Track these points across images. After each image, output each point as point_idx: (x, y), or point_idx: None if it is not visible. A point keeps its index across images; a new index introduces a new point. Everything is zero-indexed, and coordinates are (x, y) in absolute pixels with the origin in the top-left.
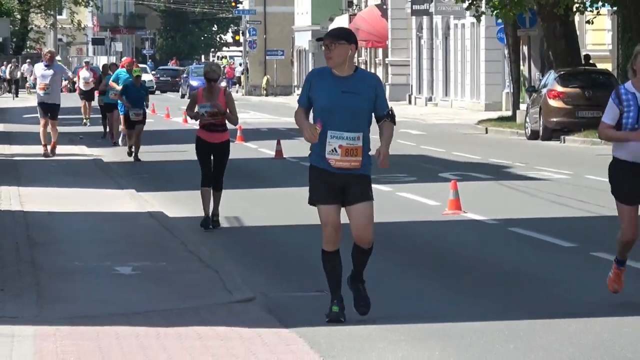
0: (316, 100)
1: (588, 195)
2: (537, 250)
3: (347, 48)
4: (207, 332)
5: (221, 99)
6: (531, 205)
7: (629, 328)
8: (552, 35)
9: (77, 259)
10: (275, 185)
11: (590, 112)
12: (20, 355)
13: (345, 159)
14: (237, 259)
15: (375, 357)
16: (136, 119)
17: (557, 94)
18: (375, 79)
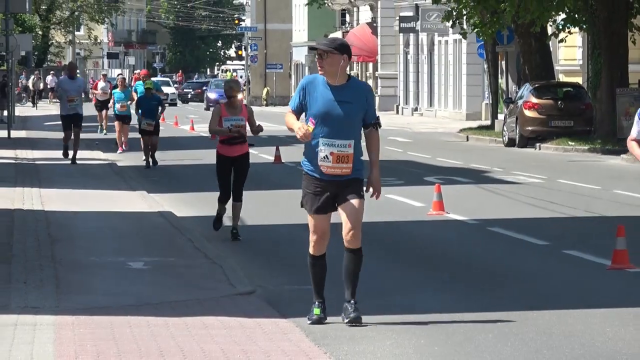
0: (309, 107)
1: (560, 197)
2: (513, 248)
3: (339, 58)
4: (212, 322)
5: (244, 113)
6: (508, 206)
7: (597, 319)
8: (527, 51)
9: (93, 254)
10: (275, 187)
11: (562, 122)
12: (41, 342)
13: (336, 165)
14: (240, 255)
15: (365, 345)
16: (148, 128)
17: (532, 105)
18: (366, 88)
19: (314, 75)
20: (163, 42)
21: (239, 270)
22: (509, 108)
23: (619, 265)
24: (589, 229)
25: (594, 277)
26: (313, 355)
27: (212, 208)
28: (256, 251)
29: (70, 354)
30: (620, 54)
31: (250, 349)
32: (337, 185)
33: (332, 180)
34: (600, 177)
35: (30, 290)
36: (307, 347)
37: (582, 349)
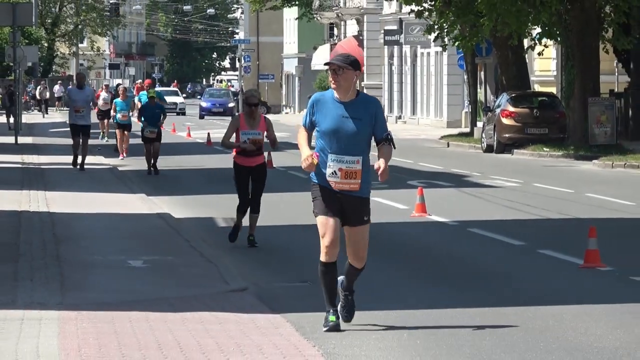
0: (318, 124)
1: (535, 200)
2: (491, 248)
3: (353, 74)
4: (208, 317)
5: (262, 125)
6: (487, 209)
7: (570, 315)
8: (504, 62)
9: (96, 253)
10: (266, 190)
11: (537, 129)
12: (46, 336)
13: (344, 181)
14: (234, 254)
15: (352, 339)
16: (150, 136)
17: (509, 113)
18: (375, 103)
19: (322, 92)
20: (161, 53)
21: (233, 268)
22: (487, 116)
23: (591, 264)
24: (563, 230)
25: (567, 276)
26: (303, 348)
27: (207, 210)
28: (249, 251)
29: (74, 347)
30: (592, 65)
31: (244, 342)
32: (346, 200)
33: (341, 193)
34: (573, 181)
35: (36, 287)
36: (297, 341)
37: (556, 343)
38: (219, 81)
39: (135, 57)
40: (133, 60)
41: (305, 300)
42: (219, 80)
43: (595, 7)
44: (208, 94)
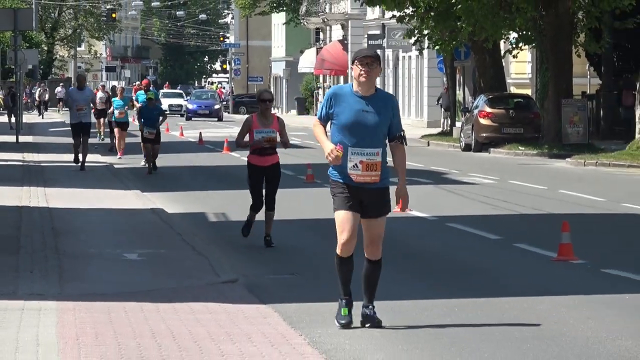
0: (338, 117)
1: (511, 196)
2: (469, 242)
3: (379, 70)
4: (199, 307)
5: (275, 125)
6: (465, 204)
7: (544, 305)
8: (482, 65)
9: (92, 246)
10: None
11: (513, 129)
12: (46, 325)
13: (366, 173)
14: (224, 248)
15: (336, 328)
16: (149, 136)
17: (486, 114)
18: (393, 100)
19: (340, 85)
20: (156, 57)
21: (223, 261)
22: (466, 117)
23: (564, 257)
24: (537, 224)
25: (542, 268)
26: (290, 337)
27: (199, 205)
28: (239, 244)
29: (72, 335)
30: (565, 68)
31: (233, 331)
32: (366, 193)
33: (361, 187)
34: (547, 178)
35: (35, 279)
36: (284, 330)
37: (530, 332)
38: (211, 83)
39: (131, 60)
40: (129, 63)
41: (292, 292)
42: (210, 82)
43: (569, 14)
44: (194, 95)
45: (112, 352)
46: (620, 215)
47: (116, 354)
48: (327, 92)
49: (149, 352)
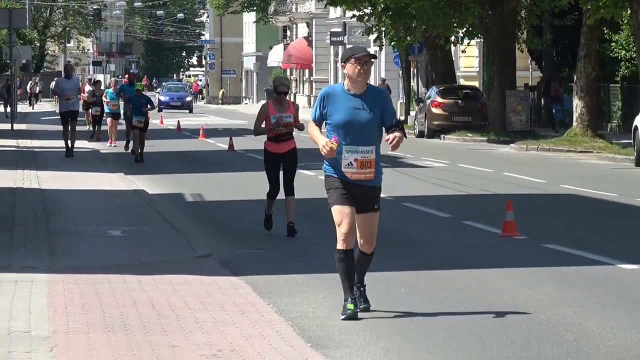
0: (331, 116)
1: (460, 179)
2: (423, 220)
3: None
4: (176, 279)
5: (291, 110)
6: (418, 186)
7: (490, 277)
8: (434, 60)
9: (80, 224)
10: (229, 170)
11: (462, 117)
12: (37, 295)
13: (360, 171)
14: (200, 225)
15: (301, 297)
16: (138, 125)
17: (438, 104)
18: (383, 94)
19: (331, 85)
20: (138, 52)
21: (198, 237)
22: (419, 106)
23: (508, 233)
24: (484, 204)
25: (488, 243)
26: (259, 306)
27: (177, 187)
28: (213, 222)
29: (61, 305)
30: (509, 62)
31: (207, 300)
32: (360, 190)
33: (355, 183)
34: (493, 162)
35: (28, 254)
36: (254, 300)
37: (476, 300)
38: (188, 76)
39: (115, 55)
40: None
41: (261, 265)
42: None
43: (513, 13)
44: (166, 88)
45: (97, 319)
46: (559, 195)
47: (101, 322)
48: (320, 93)
49: (131, 319)
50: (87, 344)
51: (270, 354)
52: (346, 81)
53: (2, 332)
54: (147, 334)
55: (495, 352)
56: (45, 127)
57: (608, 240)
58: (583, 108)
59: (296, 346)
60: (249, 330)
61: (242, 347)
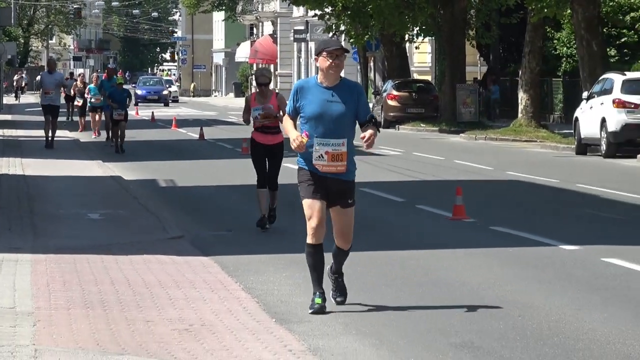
0: (303, 109)
1: (414, 166)
2: (379, 204)
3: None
4: (150, 259)
5: (273, 101)
6: (375, 172)
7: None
8: (390, 55)
9: (61, 208)
10: (199, 158)
11: (416, 109)
12: (22, 274)
13: (331, 164)
14: (172, 209)
15: (266, 275)
16: (118, 118)
17: (393, 97)
18: (358, 87)
19: (305, 79)
20: (115, 48)
21: (171, 220)
22: (376, 98)
23: (458, 216)
24: (436, 189)
25: (439, 225)
26: (227, 283)
27: (151, 173)
28: (185, 206)
29: (43, 282)
30: (459, 58)
31: (179, 279)
32: (332, 183)
33: (327, 177)
34: (444, 150)
35: (13, 235)
36: (222, 278)
37: (426, 277)
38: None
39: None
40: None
41: (229, 246)
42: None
43: (463, 11)
44: (142, 82)
45: (77, 296)
46: (505, 181)
47: (81, 298)
48: (294, 86)
49: (108, 296)
50: (67, 319)
51: (238, 329)
52: (319, 74)
53: None
54: (123, 310)
55: (444, 326)
56: (29, 117)
57: (550, 222)
58: (527, 100)
59: (261, 321)
60: (218, 306)
61: (211, 322)
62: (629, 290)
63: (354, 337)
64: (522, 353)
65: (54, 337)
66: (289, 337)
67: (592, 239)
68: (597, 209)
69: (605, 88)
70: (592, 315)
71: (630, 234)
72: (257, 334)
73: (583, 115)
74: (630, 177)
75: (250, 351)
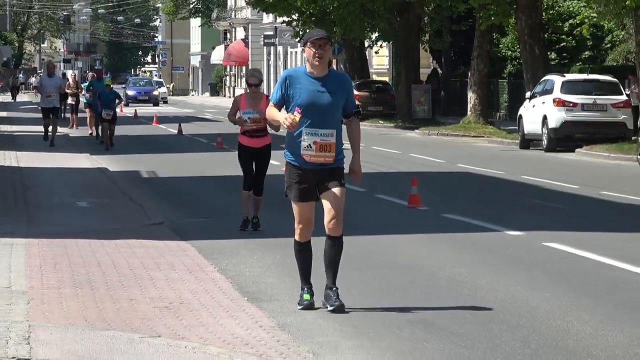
0: (292, 98)
1: (373, 159)
2: None
3: (330, 50)
4: (134, 243)
5: (263, 105)
6: None
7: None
8: (351, 59)
9: (53, 197)
10: (178, 151)
11: (375, 107)
12: (17, 256)
13: (319, 154)
14: (154, 197)
15: (239, 258)
16: (107, 117)
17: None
18: (347, 79)
19: (294, 68)
20: (101, 51)
21: (153, 208)
22: None
23: (413, 205)
24: (393, 180)
25: (397, 213)
26: (203, 266)
27: (134, 165)
28: (166, 195)
29: (36, 264)
30: (414, 61)
31: (160, 261)
32: (320, 173)
33: (315, 169)
34: (401, 145)
35: (8, 221)
36: (200, 261)
37: (384, 262)
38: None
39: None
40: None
41: (206, 232)
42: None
43: (418, 19)
44: (132, 82)
45: (67, 277)
46: (456, 172)
47: (70, 279)
48: (281, 75)
49: (95, 277)
50: (58, 298)
51: (213, 306)
52: (307, 65)
53: None
54: (109, 290)
55: (402, 305)
56: (23, 114)
57: (497, 210)
58: (476, 100)
59: (235, 299)
60: (195, 286)
61: (189, 300)
62: (568, 272)
63: (319, 314)
64: (471, 329)
65: (46, 314)
66: (260, 314)
67: (535, 226)
68: (539, 198)
69: (547, 88)
70: (535, 294)
71: (569, 221)
72: (230, 311)
73: (526, 113)
74: (569, 170)
75: (224, 327)
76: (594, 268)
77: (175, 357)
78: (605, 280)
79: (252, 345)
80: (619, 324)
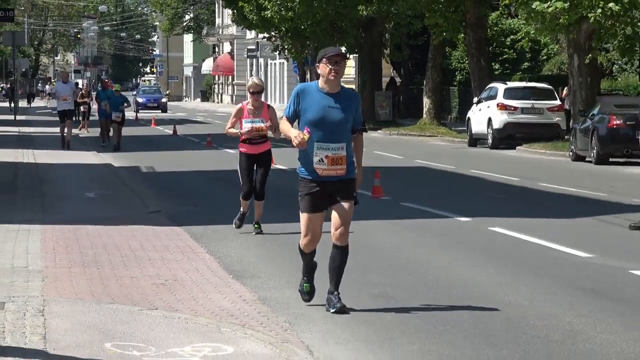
0: (304, 113)
1: None
2: None
3: (345, 66)
4: (134, 228)
5: (265, 114)
6: None
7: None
8: None
9: (65, 189)
10: (173, 149)
11: None
12: (34, 240)
13: (331, 167)
14: (151, 189)
15: (226, 241)
16: (116, 119)
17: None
18: (357, 97)
19: (306, 83)
20: (107, 63)
21: (151, 198)
22: None
23: (376, 195)
24: None
25: (364, 203)
26: (195, 248)
27: (135, 161)
28: (162, 187)
29: (50, 247)
30: (377, 71)
31: (157, 243)
32: (332, 185)
33: (328, 181)
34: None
35: (26, 210)
36: (192, 244)
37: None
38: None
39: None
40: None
41: (197, 218)
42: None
43: (380, 34)
44: (141, 90)
45: (76, 257)
46: (414, 167)
47: (79, 259)
48: (294, 89)
49: (101, 257)
50: (69, 276)
51: (203, 283)
52: (320, 80)
53: (7, 267)
54: (113, 269)
55: (365, 281)
56: (39, 118)
57: (448, 199)
58: (430, 104)
59: (221, 277)
60: (187, 265)
61: (182, 277)
62: (509, 252)
63: (295, 289)
64: (426, 301)
65: (58, 290)
66: (243, 289)
67: (481, 212)
68: (484, 189)
69: (491, 95)
70: (480, 271)
71: (510, 208)
72: (218, 287)
73: (474, 115)
74: (511, 165)
75: (212, 301)
76: (533, 249)
77: (170, 326)
78: (542, 260)
79: (237, 317)
80: (556, 297)
